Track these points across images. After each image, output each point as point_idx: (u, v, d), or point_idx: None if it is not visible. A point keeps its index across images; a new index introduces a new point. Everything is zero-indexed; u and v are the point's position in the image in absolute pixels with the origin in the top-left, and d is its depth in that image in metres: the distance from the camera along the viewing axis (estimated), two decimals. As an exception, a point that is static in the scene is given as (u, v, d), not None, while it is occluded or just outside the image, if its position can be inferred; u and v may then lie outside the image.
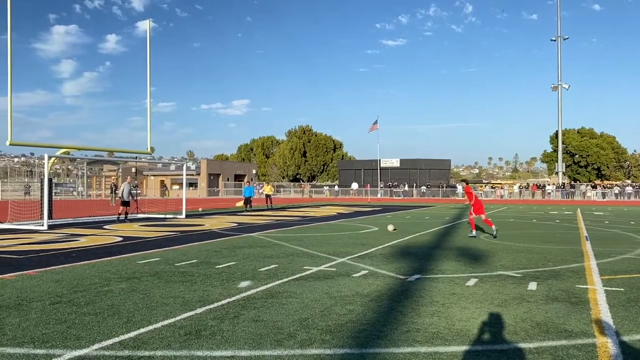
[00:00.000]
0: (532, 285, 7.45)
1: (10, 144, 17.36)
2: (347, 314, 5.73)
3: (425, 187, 61.57)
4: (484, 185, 67.01)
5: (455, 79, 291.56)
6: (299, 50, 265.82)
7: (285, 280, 7.76)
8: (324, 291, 6.95)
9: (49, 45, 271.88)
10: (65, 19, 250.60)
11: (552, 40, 68.08)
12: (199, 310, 5.87)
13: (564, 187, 59.18)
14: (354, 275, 8.23)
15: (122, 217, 20.56)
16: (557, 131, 70.10)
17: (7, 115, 17.06)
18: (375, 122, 62.70)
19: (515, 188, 62.33)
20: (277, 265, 9.11)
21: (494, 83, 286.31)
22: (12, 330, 5.06)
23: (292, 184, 79.40)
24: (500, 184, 76.94)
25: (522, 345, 4.71)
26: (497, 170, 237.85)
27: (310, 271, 8.55)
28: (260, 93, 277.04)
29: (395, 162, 68.76)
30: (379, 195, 59.77)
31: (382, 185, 63.39)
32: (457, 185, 62.35)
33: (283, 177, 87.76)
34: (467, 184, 15.64)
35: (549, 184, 66.44)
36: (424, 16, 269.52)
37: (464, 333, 5.08)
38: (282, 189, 72.93)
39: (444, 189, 61.31)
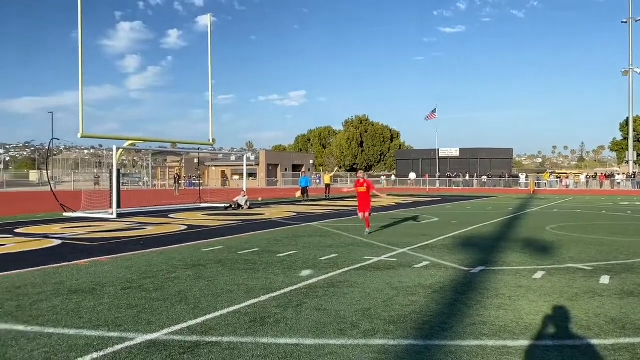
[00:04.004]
0: (605, 279, 7.11)
1: (81, 137, 18.21)
2: (410, 305, 5.67)
3: (486, 177, 59.98)
4: (549, 173, 64.51)
5: (516, 65, 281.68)
6: (354, 40, 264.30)
7: (346, 269, 7.76)
8: (386, 281, 6.90)
9: (115, 42, 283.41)
10: (130, 15, 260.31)
11: (622, 22, 64.39)
12: (263, 298, 5.96)
13: (634, 177, 56.14)
14: (416, 266, 8.13)
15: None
16: (627, 118, 66.43)
17: (79, 110, 17.91)
18: (434, 111, 61.59)
19: (582, 178, 59.69)
20: (337, 255, 9.13)
21: (559, 69, 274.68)
22: (88, 313, 5.32)
23: (349, 174, 79.35)
24: (566, 173, 73.89)
25: (596, 341, 4.51)
26: (561, 159, 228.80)
27: (371, 261, 8.51)
28: (316, 84, 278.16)
29: (454, 152, 67.31)
30: (437, 186, 58.77)
31: (440, 175, 62.28)
32: (520, 175, 60.49)
33: (340, 167, 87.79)
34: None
35: (618, 174, 63.17)
36: (483, 2, 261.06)
37: (533, 327, 4.91)
38: (338, 179, 73.04)
39: (506, 178, 59.53)
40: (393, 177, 66.27)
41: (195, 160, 70.50)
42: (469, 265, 8.20)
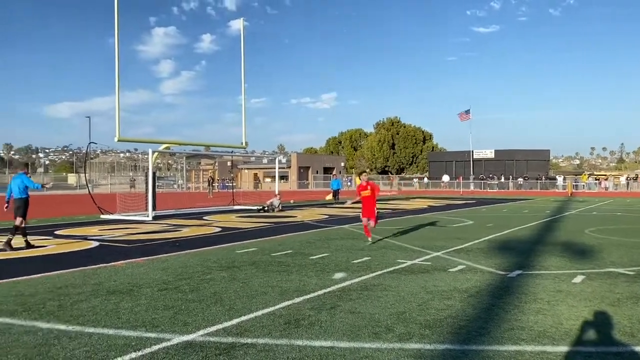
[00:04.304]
0: (649, 285, 6.87)
1: (118, 140, 18.65)
2: (446, 309, 5.59)
3: (522, 179, 58.86)
4: (587, 175, 62.87)
5: (553, 65, 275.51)
6: (385, 42, 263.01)
7: (379, 273, 7.71)
8: (420, 285, 6.83)
9: (150, 47, 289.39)
10: (164, 20, 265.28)
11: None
12: (297, 300, 5.97)
13: (679, 179, 54.21)
14: (451, 269, 8.02)
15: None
16: (671, 117, 64.23)
17: (115, 114, 18.34)
18: (467, 112, 60.81)
19: (622, 179, 57.99)
20: (370, 258, 9.08)
21: (596, 68, 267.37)
22: (126, 314, 5.42)
23: (380, 176, 79.00)
24: (605, 175, 71.86)
25: (641, 348, 4.36)
26: (600, 160, 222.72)
27: (405, 264, 8.44)
28: (347, 86, 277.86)
29: (489, 153, 66.29)
30: (471, 188, 57.97)
31: (474, 178, 61.40)
32: (557, 177, 59.15)
33: (371, 170, 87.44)
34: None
35: (661, 175, 61.12)
36: (519, 1, 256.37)
37: (573, 333, 4.78)
38: (371, 182, 72.72)
39: (543, 181, 58.29)
40: (425, 180, 65.68)
41: (229, 163, 71.32)
42: (505, 269, 8.05)
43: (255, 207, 22.94)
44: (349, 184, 66.47)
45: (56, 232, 13.60)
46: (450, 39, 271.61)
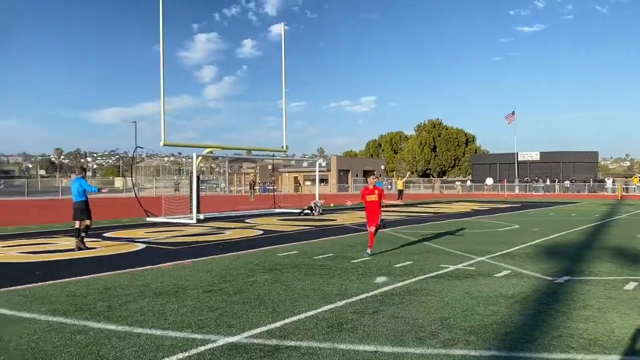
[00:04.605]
0: None
1: (163, 145, 19.13)
2: (491, 315, 5.48)
3: (569, 182, 57.16)
4: (638, 178, 60.49)
5: (600, 64, 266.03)
6: (426, 43, 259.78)
7: (422, 277, 7.64)
8: (464, 290, 6.72)
9: (193, 53, 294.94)
10: (206, 27, 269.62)
11: None
12: (339, 304, 5.98)
13: None
14: (496, 275, 7.86)
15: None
16: None
17: (161, 119, 18.81)
18: (512, 113, 59.51)
19: (677, 182, 55.51)
20: (412, 262, 9.00)
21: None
22: (172, 315, 5.55)
23: (421, 179, 78.20)
24: (658, 177, 68.94)
25: (700, 359, 4.17)
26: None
27: (448, 269, 8.32)
28: (387, 89, 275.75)
29: (534, 155, 64.72)
30: (516, 191, 56.64)
31: (519, 180, 60.00)
32: (606, 179, 57.19)
33: (412, 173, 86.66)
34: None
35: None
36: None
37: (626, 342, 4.62)
38: (411, 185, 72.11)
39: (591, 183, 56.46)
40: (468, 183, 64.58)
41: (270, 167, 71.98)
42: (553, 274, 7.83)
43: (296, 210, 23.08)
44: (389, 187, 66.05)
45: (104, 235, 14.03)
46: (495, 38, 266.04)
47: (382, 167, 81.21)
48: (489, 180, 61.60)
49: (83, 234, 11.07)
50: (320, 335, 4.80)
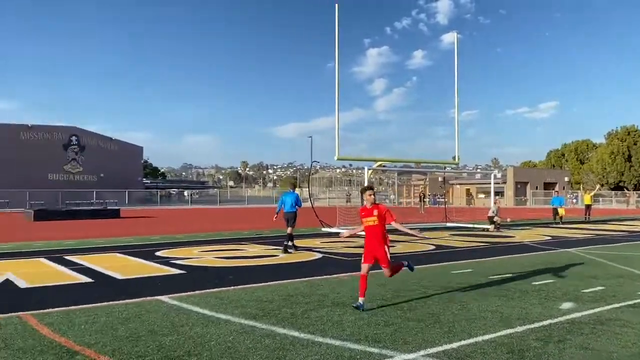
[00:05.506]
0: None
1: (337, 159, 19.99)
2: None
3: None
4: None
5: None
6: (616, 40, 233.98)
7: (616, 305, 6.90)
8: (669, 324, 5.93)
9: (364, 67, 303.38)
10: (377, 41, 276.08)
11: None
12: (519, 329, 5.68)
13: None
14: None
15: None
16: None
17: (335, 136, 19.67)
18: None
19: None
20: (603, 288, 8.17)
21: None
22: (350, 327, 5.77)
23: (613, 192, 70.35)
24: None
25: None
26: None
27: (648, 298, 7.40)
28: (571, 93, 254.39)
29: None
30: None
31: None
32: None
33: (602, 185, 78.34)
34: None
35: None
36: None
37: None
38: (600, 199, 65.27)
39: None
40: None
41: (440, 179, 70.68)
42: None
43: (469, 225, 22.34)
44: (574, 201, 60.60)
45: (285, 243, 15.03)
46: None
47: (566, 179, 74.87)
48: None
49: (291, 242, 13.09)
50: (500, 361, 4.62)
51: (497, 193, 66.46)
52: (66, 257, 11.70)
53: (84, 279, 9.01)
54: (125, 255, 12.19)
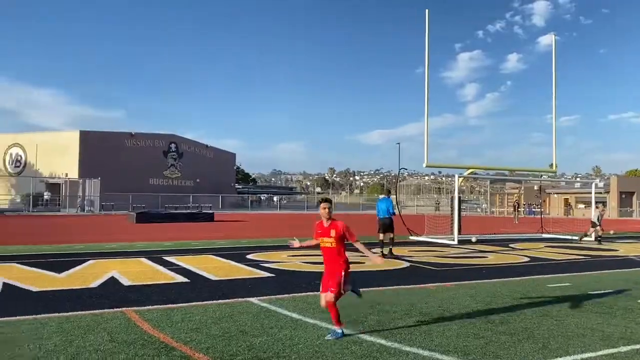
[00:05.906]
0: None
1: (426, 166, 19.69)
2: None
3: None
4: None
5: None
6: None
7: None
8: None
9: (455, 72, 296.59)
10: (469, 45, 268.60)
11: None
12: (623, 349, 5.32)
13: None
14: None
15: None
16: None
17: (424, 141, 19.39)
18: None
19: None
20: None
21: None
22: (438, 337, 5.67)
23: None
24: None
25: None
26: None
27: None
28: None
29: None
30: None
31: None
32: None
33: None
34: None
35: None
36: None
37: None
38: None
39: None
40: None
41: (536, 187, 67.40)
42: None
43: (568, 237, 21.13)
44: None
45: (373, 250, 15.00)
46: None
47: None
48: None
49: (390, 246, 13.28)
50: (601, 382, 4.35)
51: (599, 203, 62.37)
52: (165, 258, 12.41)
53: (180, 278, 9.52)
54: (218, 257, 12.74)
